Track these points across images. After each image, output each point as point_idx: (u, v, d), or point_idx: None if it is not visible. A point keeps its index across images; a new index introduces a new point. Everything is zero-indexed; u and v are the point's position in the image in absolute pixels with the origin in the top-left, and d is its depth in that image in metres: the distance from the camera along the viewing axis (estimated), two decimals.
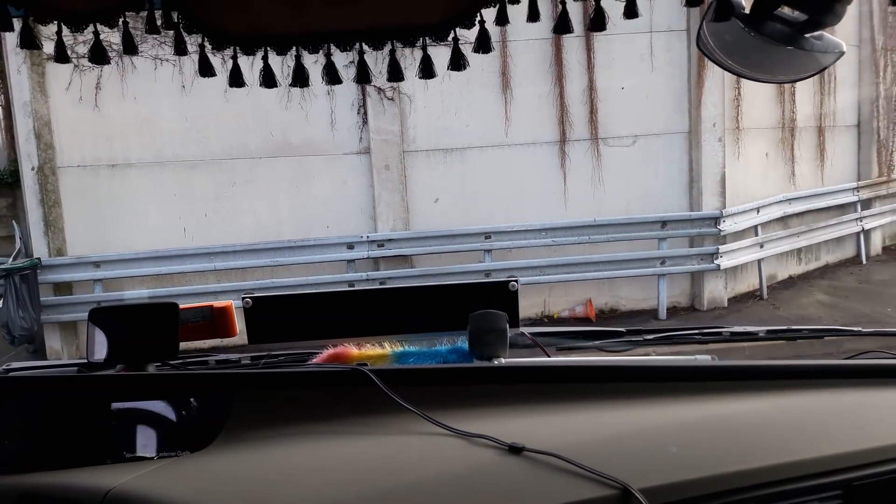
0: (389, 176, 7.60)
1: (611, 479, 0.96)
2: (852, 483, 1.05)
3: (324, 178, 7.57)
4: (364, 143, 7.53)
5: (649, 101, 7.70)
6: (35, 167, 7.20)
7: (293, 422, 1.20)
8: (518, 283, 1.53)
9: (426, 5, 1.32)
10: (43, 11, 1.20)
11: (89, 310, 1.45)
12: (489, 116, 7.56)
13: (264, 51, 1.40)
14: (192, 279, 7.37)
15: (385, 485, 1.02)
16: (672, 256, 7.62)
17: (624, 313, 7.83)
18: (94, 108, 7.14)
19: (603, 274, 7.57)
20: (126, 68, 6.98)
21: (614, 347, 1.66)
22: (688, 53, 7.64)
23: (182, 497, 1.03)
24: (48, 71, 7.08)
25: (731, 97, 7.89)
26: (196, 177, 7.40)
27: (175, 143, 7.31)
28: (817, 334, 1.75)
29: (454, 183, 7.69)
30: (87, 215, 7.34)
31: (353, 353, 1.49)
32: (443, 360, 1.49)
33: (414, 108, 7.55)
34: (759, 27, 1.38)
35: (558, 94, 7.57)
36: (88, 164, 7.31)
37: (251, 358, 1.64)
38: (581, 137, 7.66)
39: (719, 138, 7.71)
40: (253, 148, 7.40)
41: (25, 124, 7.14)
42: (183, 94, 7.06)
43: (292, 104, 7.27)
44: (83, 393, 1.33)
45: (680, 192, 7.85)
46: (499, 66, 7.46)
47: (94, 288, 7.23)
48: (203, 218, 7.39)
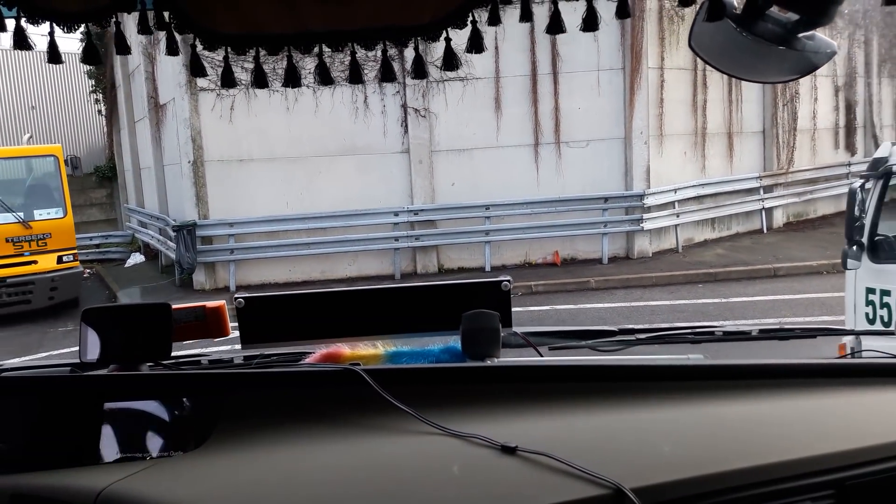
0: (421, 168, 11.26)
1: (603, 479, 0.95)
2: (845, 482, 1.04)
3: (378, 169, 11.25)
4: (405, 145, 11.21)
5: (597, 117, 11.29)
6: (190, 161, 10.93)
7: (286, 422, 1.19)
8: (511, 282, 1.49)
9: (418, 6, 1.31)
10: (35, 11, 1.19)
11: (82, 310, 1.44)
12: (487, 128, 11.20)
13: (256, 51, 1.38)
14: (290, 235, 11.07)
15: (378, 485, 1.02)
16: (611, 221, 11.23)
17: (579, 260, 11.44)
18: (229, 122, 10.87)
19: (565, 233, 11.20)
20: (250, 95, 10.69)
21: (606, 347, 1.64)
22: (623, 85, 11.22)
23: (175, 497, 1.03)
24: (200, 97, 10.81)
25: (655, 113, 11.46)
26: (294, 168, 11.12)
27: (281, 146, 11.02)
28: (810, 334, 1.70)
29: (465, 172, 11.31)
30: (223, 193, 11.07)
31: (345, 354, 1.47)
32: (435, 360, 1.47)
33: (438, 122, 11.21)
34: (751, 27, 1.35)
35: (534, 112, 11.21)
36: (224, 159, 11.05)
37: (244, 358, 1.61)
38: (549, 142, 11.29)
39: (645, 142, 11.29)
40: (332, 148, 11.10)
41: (185, 133, 10.88)
42: (287, 112, 10.77)
43: (358, 119, 10.98)
44: (76, 393, 1.30)
45: (618, 179, 11.45)
46: (493, 94, 11.12)
47: (228, 240, 10.97)
48: (298, 195, 11.10)
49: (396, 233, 11.16)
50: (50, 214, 10.68)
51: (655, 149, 11.48)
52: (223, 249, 10.96)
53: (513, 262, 11.42)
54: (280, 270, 11.15)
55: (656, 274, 10.45)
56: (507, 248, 11.34)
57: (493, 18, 1.31)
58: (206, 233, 10.94)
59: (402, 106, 11.07)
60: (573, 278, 10.48)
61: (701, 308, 8.75)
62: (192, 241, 10.58)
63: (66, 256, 10.70)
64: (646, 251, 11.48)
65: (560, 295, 9.87)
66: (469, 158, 11.31)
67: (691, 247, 12.10)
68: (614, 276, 10.49)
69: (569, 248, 11.44)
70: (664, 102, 11.55)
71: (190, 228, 10.55)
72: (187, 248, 10.47)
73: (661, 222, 11.48)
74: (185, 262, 10.54)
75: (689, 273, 10.45)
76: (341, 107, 10.87)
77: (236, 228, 10.96)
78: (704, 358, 1.45)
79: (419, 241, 11.24)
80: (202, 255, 10.86)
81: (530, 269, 11.22)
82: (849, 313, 4.46)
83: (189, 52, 1.42)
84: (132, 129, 15.84)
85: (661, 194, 11.39)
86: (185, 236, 10.43)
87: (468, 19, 1.29)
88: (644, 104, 11.17)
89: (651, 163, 11.34)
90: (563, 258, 11.40)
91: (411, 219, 11.16)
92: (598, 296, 9.76)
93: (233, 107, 10.79)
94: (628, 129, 11.27)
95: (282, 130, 10.92)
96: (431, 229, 11.28)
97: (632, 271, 10.71)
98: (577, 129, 11.25)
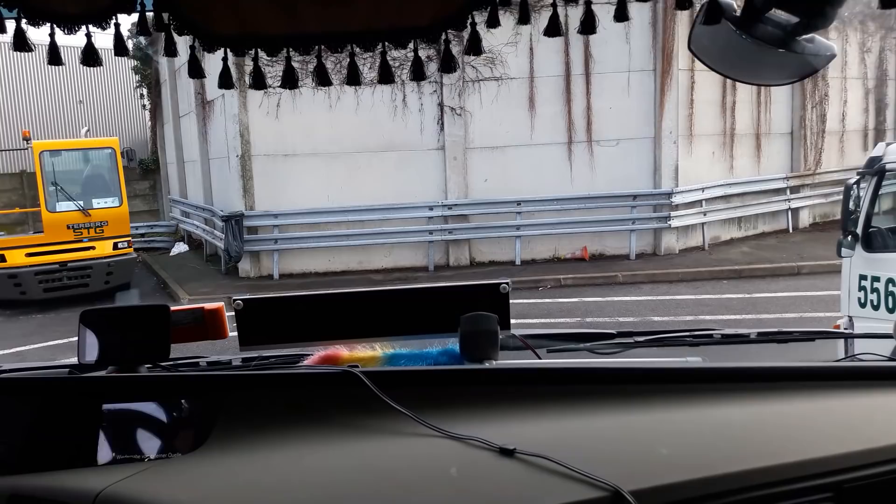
0: (456, 164, 11.74)
1: (602, 482, 0.95)
2: (843, 485, 1.04)
3: (414, 165, 11.74)
4: (441, 142, 11.69)
5: (628, 117, 11.66)
6: (238, 155, 11.53)
7: (284, 424, 1.19)
8: (510, 285, 1.49)
9: (417, 7, 1.31)
10: (35, 13, 1.19)
11: (80, 311, 1.43)
12: (521, 126, 11.63)
13: (255, 52, 1.38)
14: (330, 227, 11.62)
15: (376, 487, 1.02)
16: (639, 218, 11.60)
17: (607, 256, 11.83)
18: (275, 119, 11.45)
19: (593, 229, 11.60)
20: (295, 94, 11.24)
21: (605, 349, 1.64)
22: (654, 86, 11.57)
23: (173, 499, 1.03)
24: (248, 95, 11.39)
25: (685, 114, 11.79)
26: (335, 163, 11.67)
27: (323, 142, 11.58)
28: (808, 336, 1.70)
29: (498, 169, 11.75)
30: (269, 185, 11.66)
31: (344, 356, 1.47)
32: (434, 363, 1.48)
33: (473, 121, 11.67)
34: (750, 30, 1.35)
35: (567, 111, 11.61)
36: (270, 153, 11.64)
37: (242, 360, 1.62)
38: (581, 140, 11.69)
39: (674, 141, 11.62)
40: (371, 145, 11.62)
41: (234, 128, 11.49)
42: (330, 110, 11.30)
43: (397, 116, 11.48)
44: (74, 394, 1.30)
45: (647, 177, 11.81)
46: (527, 93, 11.54)
47: (272, 231, 11.56)
48: (340, 189, 11.65)
49: (431, 226, 11.66)
50: (107, 203, 11.37)
51: (684, 148, 11.81)
52: (268, 239, 11.56)
53: (542, 257, 11.85)
54: (320, 260, 11.72)
55: (682, 270, 10.80)
56: (536, 242, 11.77)
57: (491, 21, 1.30)
58: (252, 223, 11.54)
59: (438, 104, 11.55)
60: (601, 273, 10.88)
61: (724, 303, 9.10)
62: (240, 231, 11.19)
63: (121, 243, 11.39)
64: (673, 248, 11.82)
65: (588, 288, 10.28)
66: (502, 155, 11.76)
67: (718, 245, 12.41)
68: (641, 272, 10.85)
69: (597, 243, 11.83)
70: (694, 103, 11.87)
71: (238, 219, 11.16)
72: (235, 237, 11.08)
73: (689, 220, 11.82)
74: (233, 250, 11.17)
75: (715, 269, 10.78)
76: (381, 105, 11.37)
77: (280, 219, 11.54)
78: (703, 361, 1.46)
79: (452, 235, 11.72)
80: (248, 245, 11.46)
81: (559, 264, 11.65)
82: (843, 296, 4.94)
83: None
84: (177, 124, 16.55)
85: (688, 193, 11.71)
86: (232, 226, 11.05)
87: (467, 21, 1.29)
88: (674, 105, 11.50)
89: (679, 162, 11.68)
90: (592, 253, 11.79)
91: (445, 213, 11.65)
92: (624, 289, 10.14)
93: (279, 104, 11.36)
94: (658, 128, 11.61)
95: (325, 127, 11.47)
96: (464, 223, 11.77)
97: (658, 267, 11.06)
98: (608, 129, 11.63)
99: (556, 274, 10.90)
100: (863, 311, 4.86)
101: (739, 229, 13.01)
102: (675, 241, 11.85)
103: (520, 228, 11.62)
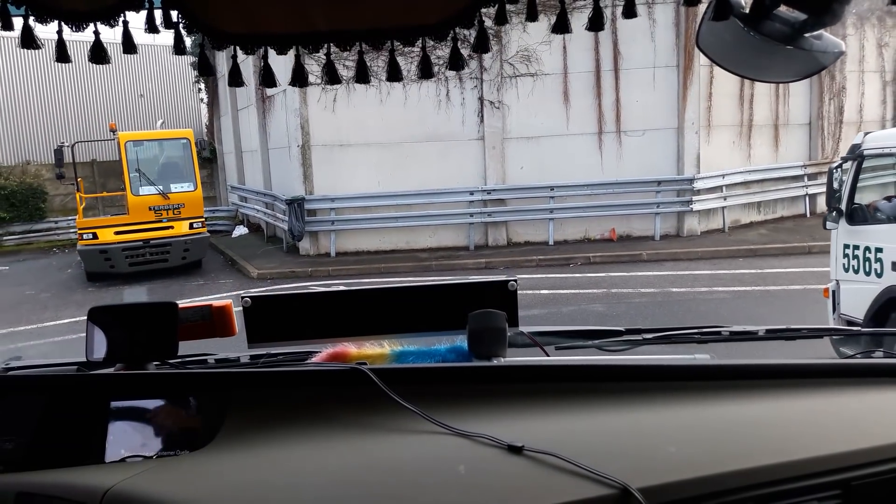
0: (495, 153, 12.89)
1: (610, 479, 0.95)
2: (851, 482, 1.04)
3: (457, 154, 12.92)
4: (481, 133, 12.85)
5: (653, 109, 12.67)
6: (299, 145, 12.83)
7: (292, 421, 1.19)
8: (517, 283, 1.50)
9: (425, 5, 1.30)
10: (43, 10, 1.18)
11: (88, 308, 1.43)
12: (555, 118, 12.72)
13: (264, 50, 1.39)
14: (381, 210, 12.86)
15: (384, 484, 1.02)
16: (664, 202, 12.63)
17: (634, 237, 12.89)
18: (332, 112, 12.72)
19: (621, 212, 12.66)
20: (350, 89, 12.48)
21: (613, 346, 1.64)
22: (677, 80, 12.56)
23: (181, 496, 1.03)
24: (308, 91, 12.66)
25: (705, 106, 12.76)
26: (386, 152, 12.91)
27: (375, 133, 12.82)
28: (816, 334, 1.68)
29: (533, 157, 12.86)
30: (326, 172, 12.95)
31: (352, 353, 1.48)
32: (442, 360, 1.48)
33: (510, 112, 12.80)
34: (758, 26, 1.35)
35: (597, 104, 12.68)
36: (327, 143, 12.92)
37: (250, 357, 1.62)
38: (611, 130, 12.75)
39: (696, 132, 12.61)
40: (418, 135, 12.83)
41: (294, 121, 12.79)
42: (381, 104, 12.53)
43: (441, 110, 12.67)
44: (82, 392, 1.31)
45: (671, 164, 12.83)
46: (561, 88, 12.63)
47: (329, 213, 12.87)
48: (389, 175, 12.89)
49: (471, 210, 12.85)
50: (183, 188, 12.78)
51: (705, 138, 12.79)
52: (325, 221, 12.87)
53: (573, 238, 12.96)
54: (372, 240, 12.99)
55: (702, 249, 11.81)
56: (568, 224, 12.87)
57: (500, 18, 1.29)
58: (312, 206, 12.86)
59: (479, 99, 12.70)
60: (627, 251, 11.95)
61: (738, 276, 10.12)
62: (301, 213, 12.51)
63: (195, 223, 12.80)
64: (695, 230, 12.83)
65: (615, 265, 11.37)
66: (536, 145, 12.86)
67: (738, 227, 13.36)
68: (664, 251, 11.89)
69: (624, 225, 12.90)
70: (713, 96, 12.83)
71: (300, 202, 12.49)
72: (297, 218, 12.41)
73: (710, 204, 12.81)
74: (296, 230, 12.50)
75: (732, 249, 11.78)
76: (426, 99, 12.56)
77: (336, 203, 12.84)
78: (711, 358, 1.45)
79: (491, 218, 12.88)
80: (308, 226, 12.78)
81: (589, 244, 12.75)
82: (832, 262, 5.93)
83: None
84: (235, 117, 17.95)
85: (709, 179, 12.70)
86: (295, 209, 12.38)
87: (475, 19, 1.29)
88: (696, 98, 12.49)
89: (701, 151, 12.67)
90: (619, 235, 12.86)
91: (484, 197, 12.81)
92: (648, 266, 11.21)
93: (335, 99, 12.63)
94: (681, 119, 12.61)
95: (376, 120, 12.70)
96: (502, 207, 12.92)
97: (680, 246, 12.09)
98: (635, 120, 12.66)
99: (587, 252, 12.00)
100: (846, 275, 5.89)
101: (759, 213, 13.94)
102: (697, 224, 12.86)
103: (553, 212, 12.74)
